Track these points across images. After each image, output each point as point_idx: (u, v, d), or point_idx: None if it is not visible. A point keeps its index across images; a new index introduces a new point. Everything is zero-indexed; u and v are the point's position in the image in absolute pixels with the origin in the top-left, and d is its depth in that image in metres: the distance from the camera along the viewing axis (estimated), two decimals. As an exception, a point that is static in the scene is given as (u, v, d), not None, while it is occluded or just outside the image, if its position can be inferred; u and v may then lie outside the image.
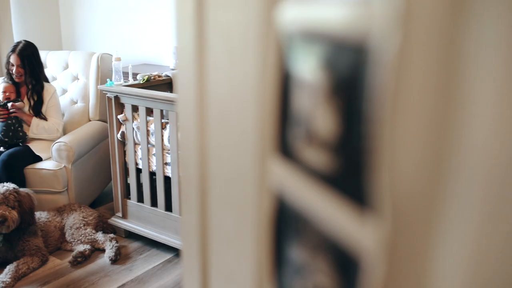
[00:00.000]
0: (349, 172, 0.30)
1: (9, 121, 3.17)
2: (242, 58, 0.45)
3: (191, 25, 0.60)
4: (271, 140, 0.40)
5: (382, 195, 0.27)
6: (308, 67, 0.33)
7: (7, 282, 2.60)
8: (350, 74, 0.28)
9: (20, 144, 3.22)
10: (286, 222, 0.38)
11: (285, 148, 0.38)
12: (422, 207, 0.26)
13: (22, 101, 3.26)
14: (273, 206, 0.40)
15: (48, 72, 3.67)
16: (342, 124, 0.30)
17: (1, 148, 3.19)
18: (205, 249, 0.66)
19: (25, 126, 3.26)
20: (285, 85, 0.36)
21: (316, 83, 0.32)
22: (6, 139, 3.16)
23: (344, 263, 0.31)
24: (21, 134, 3.20)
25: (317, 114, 0.33)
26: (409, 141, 0.25)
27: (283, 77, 0.37)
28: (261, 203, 0.42)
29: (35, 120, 3.24)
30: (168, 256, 2.97)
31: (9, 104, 3.17)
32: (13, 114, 3.17)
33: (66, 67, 3.75)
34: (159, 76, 3.17)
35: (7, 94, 3.23)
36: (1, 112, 3.16)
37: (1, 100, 3.22)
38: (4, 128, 3.16)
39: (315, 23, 0.32)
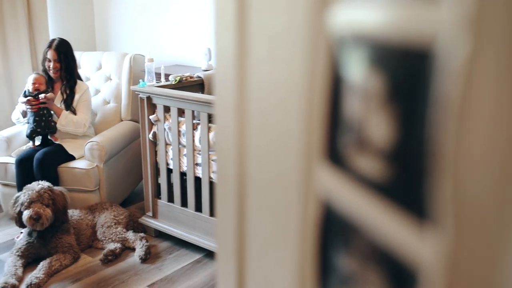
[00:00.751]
0: (407, 182, 0.28)
1: (41, 112, 3.22)
2: (287, 61, 0.45)
3: (232, 27, 0.60)
4: (319, 145, 0.39)
5: (444, 206, 0.26)
6: (362, 72, 0.32)
7: (40, 278, 2.65)
8: (411, 80, 0.27)
9: (50, 140, 3.27)
10: (333, 230, 0.37)
11: (334, 154, 0.37)
12: (489, 218, 0.25)
13: (52, 91, 3.30)
14: (320, 213, 0.39)
15: (82, 72, 3.73)
16: (399, 131, 0.29)
17: (35, 139, 3.24)
18: (242, 254, 0.65)
19: (54, 117, 3.32)
20: (336, 89, 0.35)
21: (371, 88, 0.31)
22: (39, 130, 3.22)
23: (399, 276, 0.30)
24: (52, 124, 3.26)
25: (371, 120, 0.32)
26: (477, 148, 0.24)
27: (334, 81, 0.36)
28: (306, 210, 0.41)
29: (64, 112, 3.29)
30: (197, 256, 2.99)
31: (41, 96, 3.22)
32: (44, 105, 3.22)
33: (100, 67, 3.80)
34: (191, 77, 3.19)
35: (36, 85, 3.28)
36: (34, 103, 3.21)
37: (32, 91, 3.27)
38: (36, 118, 3.21)
39: (371, 27, 0.31)
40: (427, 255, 0.26)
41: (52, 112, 3.28)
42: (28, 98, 3.21)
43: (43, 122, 3.23)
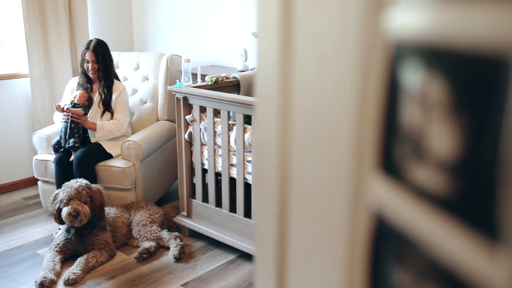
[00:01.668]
0: (475, 197, 0.26)
1: (69, 123, 3.21)
2: (337, 65, 0.43)
3: (276, 30, 0.58)
4: (371, 154, 0.37)
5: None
6: (423, 78, 0.30)
7: (77, 274, 2.70)
8: (482, 89, 0.25)
9: (88, 139, 3.31)
10: (386, 244, 0.36)
11: (388, 164, 0.35)
12: None
13: (85, 109, 3.30)
14: (372, 225, 0.37)
15: (120, 72, 3.79)
16: (466, 142, 0.27)
17: (58, 150, 3.24)
18: (282, 260, 0.64)
19: (90, 131, 3.35)
20: (392, 96, 0.33)
21: (433, 96, 0.29)
22: (62, 141, 3.24)
23: (463, 298, 0.28)
24: (75, 138, 3.20)
25: (432, 130, 0.30)
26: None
27: (390, 87, 0.34)
28: (355, 220, 0.39)
29: (99, 125, 3.31)
30: (231, 257, 2.99)
31: (65, 107, 3.23)
32: (75, 119, 3.22)
33: (137, 67, 3.85)
34: (227, 78, 3.19)
35: (76, 98, 3.32)
36: (66, 111, 3.24)
37: (71, 101, 3.32)
38: (62, 129, 3.25)
39: (435, 30, 0.29)
40: (499, 279, 0.24)
41: (81, 127, 3.28)
42: (65, 105, 3.25)
43: (66, 135, 3.22)
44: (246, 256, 2.95)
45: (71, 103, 3.30)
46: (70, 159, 3.16)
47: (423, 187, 0.31)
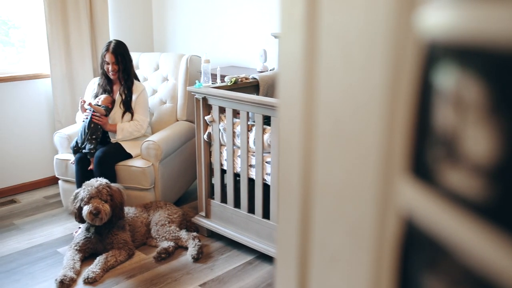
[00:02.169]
0: (515, 204, 0.25)
1: (88, 123, 3.25)
2: (365, 65, 0.42)
3: (300, 29, 0.58)
4: (401, 157, 0.36)
5: None
6: (458, 80, 0.29)
7: (96, 273, 2.72)
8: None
9: (108, 138, 3.34)
10: (417, 249, 0.34)
11: (420, 168, 0.34)
12: None
13: (108, 110, 3.34)
14: (401, 230, 0.36)
15: (140, 73, 3.81)
16: (504, 146, 0.26)
17: (86, 147, 3.28)
18: (304, 265, 0.63)
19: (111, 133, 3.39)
20: (425, 98, 0.32)
21: (469, 98, 0.28)
22: (79, 142, 3.27)
23: (500, 308, 0.27)
24: (91, 144, 3.23)
25: (468, 133, 0.29)
26: None
27: (423, 89, 0.33)
28: (384, 225, 0.38)
29: (119, 127, 3.35)
30: (249, 258, 2.98)
31: (86, 105, 3.27)
32: (95, 119, 3.25)
33: (157, 68, 3.87)
34: (246, 79, 3.19)
35: (98, 102, 3.35)
36: (87, 107, 3.28)
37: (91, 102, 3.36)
38: (81, 129, 3.28)
39: (472, 30, 0.28)
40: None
41: (101, 129, 3.31)
42: (89, 103, 3.30)
43: (83, 135, 3.25)
44: (264, 257, 2.94)
45: (96, 103, 3.34)
46: (89, 168, 3.20)
47: (457, 191, 0.30)
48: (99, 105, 3.31)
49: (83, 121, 3.29)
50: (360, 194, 0.44)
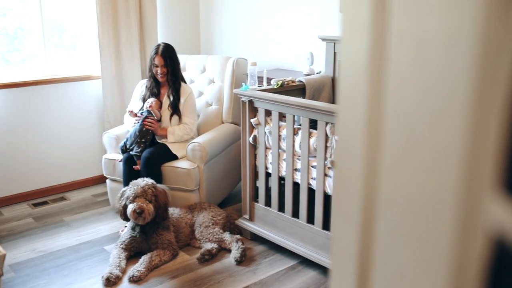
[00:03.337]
0: None
1: (139, 126, 3.32)
2: (445, 73, 0.39)
3: (366, 32, 0.55)
4: (491, 173, 0.33)
5: None
6: None
7: (141, 272, 2.76)
8: None
9: (155, 139, 3.39)
10: (508, 273, 0.32)
11: (515, 184, 0.31)
12: None
13: (158, 115, 3.41)
14: (490, 250, 0.33)
15: (186, 75, 3.85)
16: None
17: (134, 149, 3.33)
18: (363, 281, 0.60)
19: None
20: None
21: None
22: (127, 143, 3.34)
23: None
24: (139, 147, 3.29)
25: None
26: None
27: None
28: (467, 244, 0.36)
29: (169, 131, 3.40)
30: (292, 262, 2.95)
31: (147, 106, 3.36)
32: (148, 126, 3.32)
33: (204, 70, 3.90)
34: (293, 82, 3.16)
35: (150, 107, 3.41)
36: (138, 118, 3.36)
37: (144, 109, 3.43)
38: (132, 133, 3.34)
39: None
40: None
41: (151, 134, 3.37)
42: (140, 111, 3.37)
43: (133, 137, 3.31)
44: (307, 263, 2.91)
45: (146, 110, 3.38)
46: (134, 167, 3.26)
47: None
48: (150, 112, 3.38)
49: (134, 123, 3.36)
50: (435, 209, 0.41)
